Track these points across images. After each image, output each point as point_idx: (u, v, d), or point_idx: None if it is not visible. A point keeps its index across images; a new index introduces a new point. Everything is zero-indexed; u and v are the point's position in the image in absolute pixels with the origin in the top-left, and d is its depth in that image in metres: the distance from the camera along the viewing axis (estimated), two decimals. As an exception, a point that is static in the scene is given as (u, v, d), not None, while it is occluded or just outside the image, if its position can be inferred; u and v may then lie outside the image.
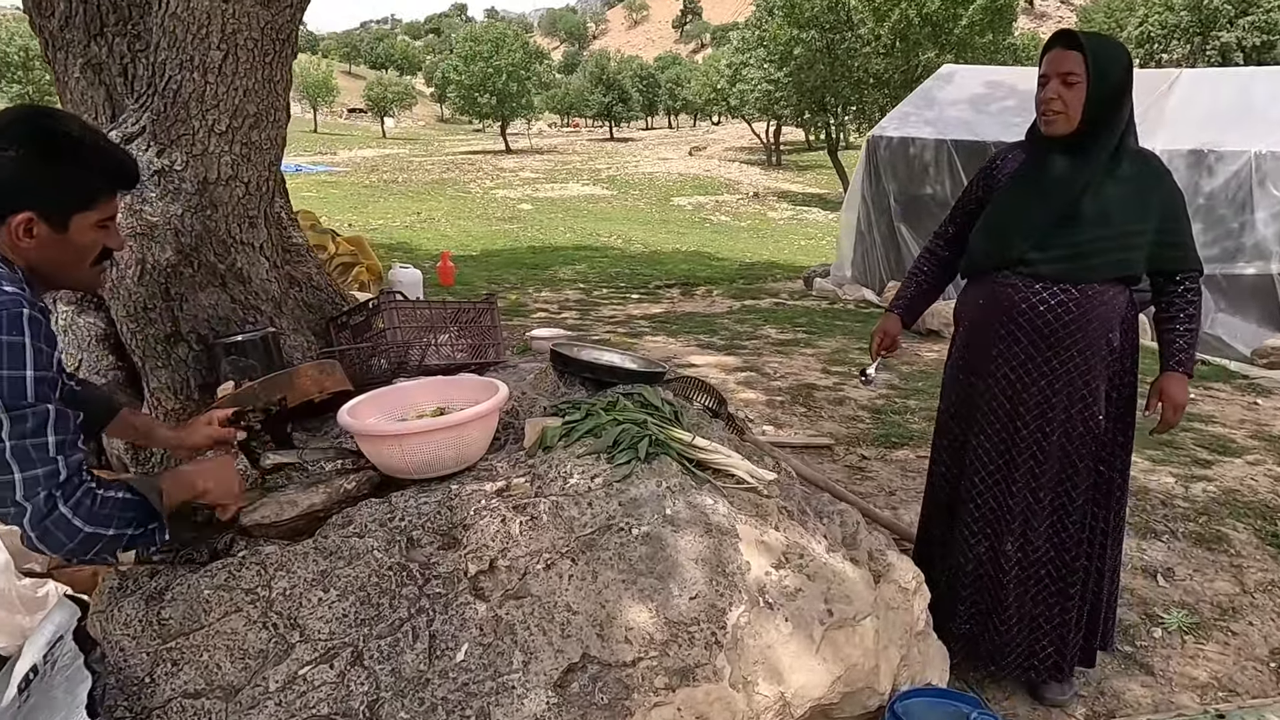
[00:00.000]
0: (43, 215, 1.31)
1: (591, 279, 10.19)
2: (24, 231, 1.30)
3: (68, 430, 1.29)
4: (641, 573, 1.60)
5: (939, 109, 8.60)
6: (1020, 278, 2.03)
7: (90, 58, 2.46)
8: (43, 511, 1.26)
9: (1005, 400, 2.08)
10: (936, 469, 2.31)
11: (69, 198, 1.34)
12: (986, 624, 2.15)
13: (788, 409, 4.43)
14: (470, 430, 1.80)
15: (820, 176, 30.72)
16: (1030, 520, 2.11)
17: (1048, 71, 1.96)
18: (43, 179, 1.31)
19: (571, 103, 52.71)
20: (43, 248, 1.33)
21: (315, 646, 1.49)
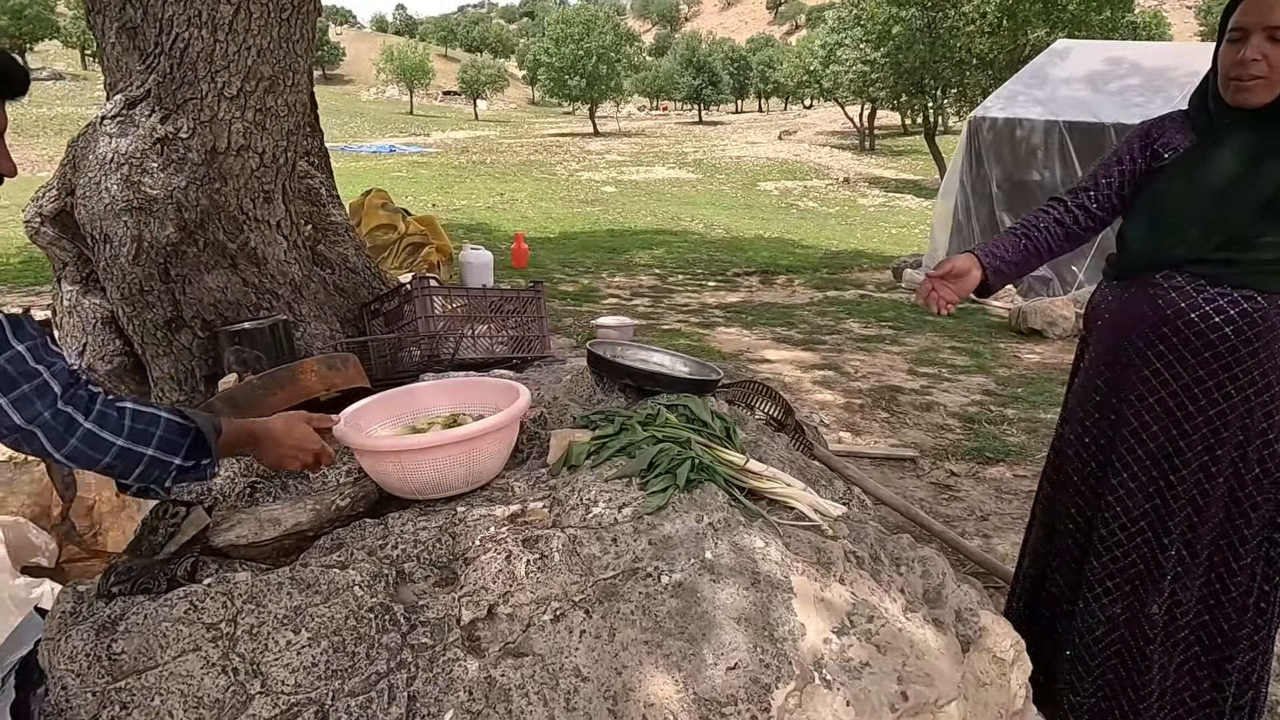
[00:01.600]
0: None
1: (668, 264, 9.89)
2: None
3: (28, 334, 1.10)
4: (669, 633, 1.31)
5: (1051, 87, 7.90)
6: (1190, 281, 1.63)
7: (125, 21, 2.30)
8: (59, 431, 1.11)
9: (1161, 433, 1.69)
10: (1059, 509, 1.91)
11: None
12: (1119, 700, 1.78)
13: (868, 414, 4.05)
14: (482, 446, 1.54)
15: (915, 162, 29.48)
16: (1183, 579, 1.72)
17: (1246, 24, 1.53)
18: None
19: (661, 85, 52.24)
20: None
21: (276, 701, 1.26)
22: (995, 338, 5.87)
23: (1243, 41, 1.54)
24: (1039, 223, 1.81)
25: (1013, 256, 1.78)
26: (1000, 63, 21.43)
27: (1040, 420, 3.98)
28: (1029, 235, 1.80)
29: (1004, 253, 1.78)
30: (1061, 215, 1.81)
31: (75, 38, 40.09)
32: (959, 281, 1.75)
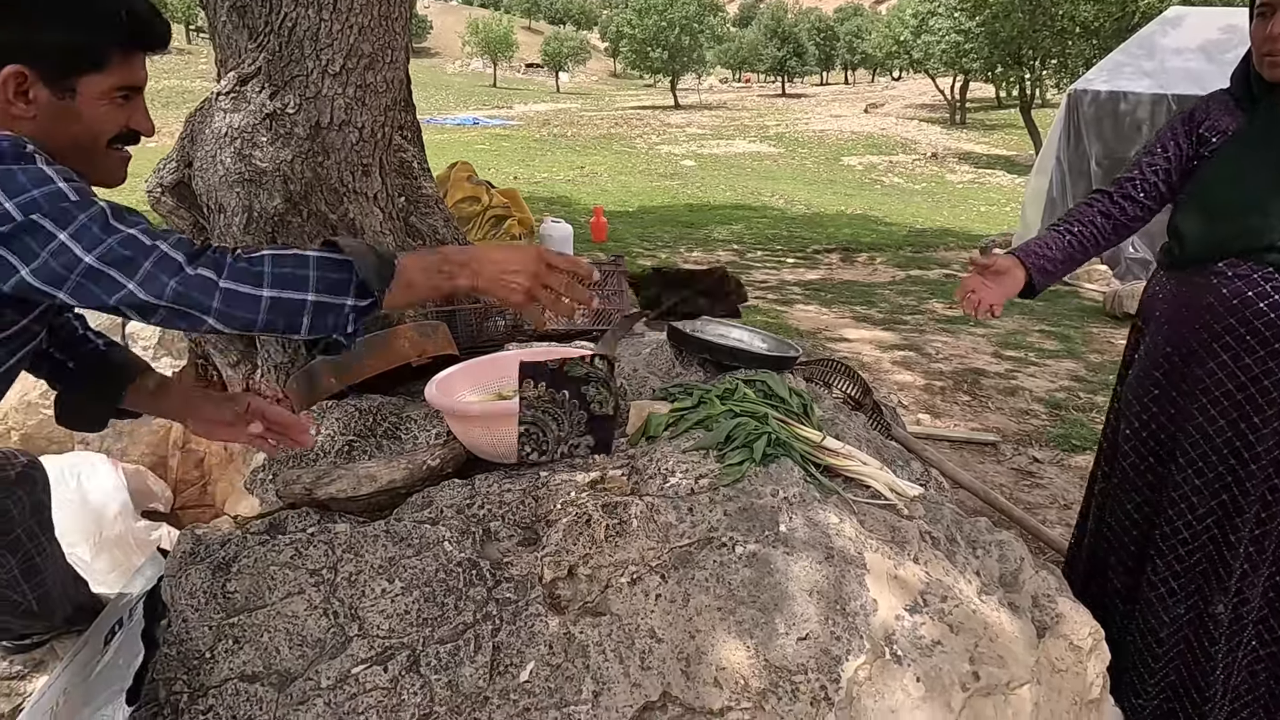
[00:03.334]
0: (39, 73, 1.05)
1: (747, 240, 9.81)
2: (15, 91, 1.04)
3: (137, 218, 1.03)
4: (742, 601, 1.35)
5: (1161, 58, 7.46)
6: (1257, 269, 1.55)
7: (235, 1, 2.42)
8: (198, 297, 1.00)
9: (1229, 427, 1.63)
10: (1114, 506, 1.86)
11: (71, 53, 1.07)
12: (1182, 700, 1.74)
13: (949, 396, 3.97)
14: (565, 412, 1.59)
15: (1009, 137, 28.27)
16: (1250, 576, 1.67)
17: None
18: (31, 25, 1.04)
19: (744, 57, 51.36)
20: (43, 118, 1.07)
21: (372, 644, 1.35)
22: (1087, 322, 5.65)
23: (1270, 16, 1.46)
24: (1084, 216, 1.73)
25: (1058, 254, 1.70)
26: (1106, 31, 20.25)
27: (1132, 409, 3.83)
28: (1074, 230, 1.72)
29: (1049, 250, 1.70)
30: (1108, 208, 1.72)
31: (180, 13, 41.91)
32: (1000, 281, 1.67)
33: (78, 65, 1.07)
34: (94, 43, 1.08)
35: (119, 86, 1.11)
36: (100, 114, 1.11)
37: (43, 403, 2.40)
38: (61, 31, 1.05)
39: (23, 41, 1.04)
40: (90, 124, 1.10)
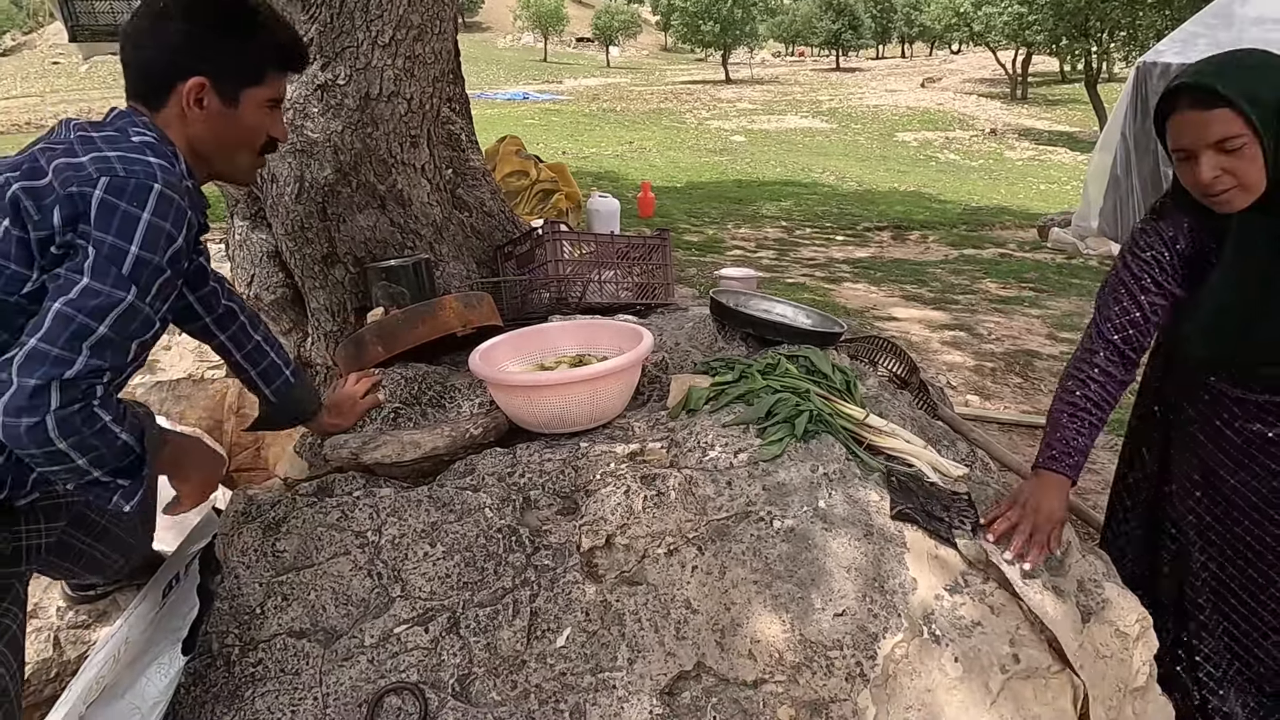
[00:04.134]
0: (215, 84, 1.23)
1: (795, 217, 9.67)
2: (194, 99, 1.22)
3: (128, 333, 1.09)
4: (779, 575, 1.35)
5: (1238, 29, 7.09)
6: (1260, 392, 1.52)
7: (289, -27, 2.45)
8: (24, 403, 1.01)
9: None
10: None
11: (242, 68, 1.26)
12: None
13: (999, 378, 3.88)
14: (605, 385, 1.60)
15: (1072, 112, 27.26)
16: None
17: (1187, 145, 1.35)
18: (216, 46, 1.23)
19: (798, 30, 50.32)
20: (211, 122, 1.25)
21: (414, 605, 1.39)
22: (1149, 304, 5.46)
23: (1193, 161, 1.36)
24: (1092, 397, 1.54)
25: (1088, 444, 1.56)
26: (1180, 1, 19.36)
27: (1193, 394, 3.70)
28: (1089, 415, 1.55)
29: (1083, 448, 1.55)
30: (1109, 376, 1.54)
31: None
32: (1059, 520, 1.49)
33: (246, 80, 1.26)
34: (259, 62, 1.27)
35: (270, 99, 1.30)
36: (255, 121, 1.29)
37: (107, 366, 2.49)
38: (238, 49, 1.25)
39: (207, 57, 1.22)
40: (247, 129, 1.29)
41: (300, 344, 2.22)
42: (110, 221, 1.07)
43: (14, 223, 1.08)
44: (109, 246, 1.07)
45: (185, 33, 1.21)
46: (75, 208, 1.07)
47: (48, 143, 1.16)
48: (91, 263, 1.06)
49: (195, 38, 1.22)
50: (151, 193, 1.10)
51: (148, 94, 1.23)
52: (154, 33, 1.22)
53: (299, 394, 1.63)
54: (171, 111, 1.23)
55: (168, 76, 1.22)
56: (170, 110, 1.23)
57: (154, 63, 1.22)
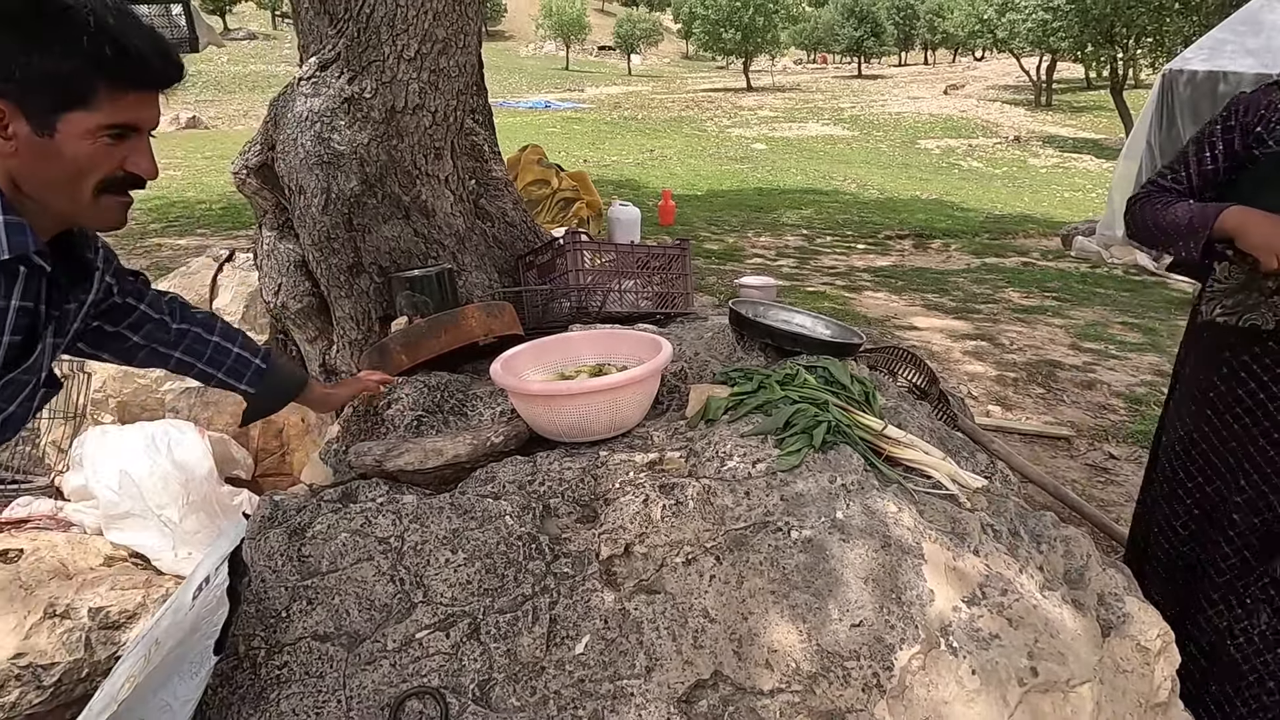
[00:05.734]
0: (18, 107, 0.97)
1: (816, 225, 9.66)
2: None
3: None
4: (796, 585, 1.35)
5: (1267, 35, 7.01)
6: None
7: (317, -13, 2.50)
8: None
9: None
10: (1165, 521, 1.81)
11: (55, 86, 0.97)
12: None
13: (1021, 388, 3.86)
14: (625, 395, 1.62)
15: (1098, 119, 27.00)
16: None
17: None
18: (9, 58, 0.95)
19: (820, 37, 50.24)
20: (25, 156, 0.99)
21: (435, 610, 1.41)
22: (1174, 315, 5.39)
23: None
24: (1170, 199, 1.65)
25: None
26: (1209, 6, 19.10)
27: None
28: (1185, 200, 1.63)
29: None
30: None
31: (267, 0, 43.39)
32: None
33: (60, 101, 0.98)
34: (77, 78, 0.98)
35: (107, 125, 1.01)
36: (84, 154, 1.01)
37: (137, 372, 2.55)
38: (43, 65, 0.96)
39: (3, 74, 0.96)
40: (72, 164, 1.01)
41: (325, 352, 2.26)
42: None
43: None
44: None
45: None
46: None
47: None
48: None
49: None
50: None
51: None
52: None
53: (278, 377, 1.57)
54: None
55: None
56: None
57: None
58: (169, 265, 5.65)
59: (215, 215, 8.67)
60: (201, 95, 29.34)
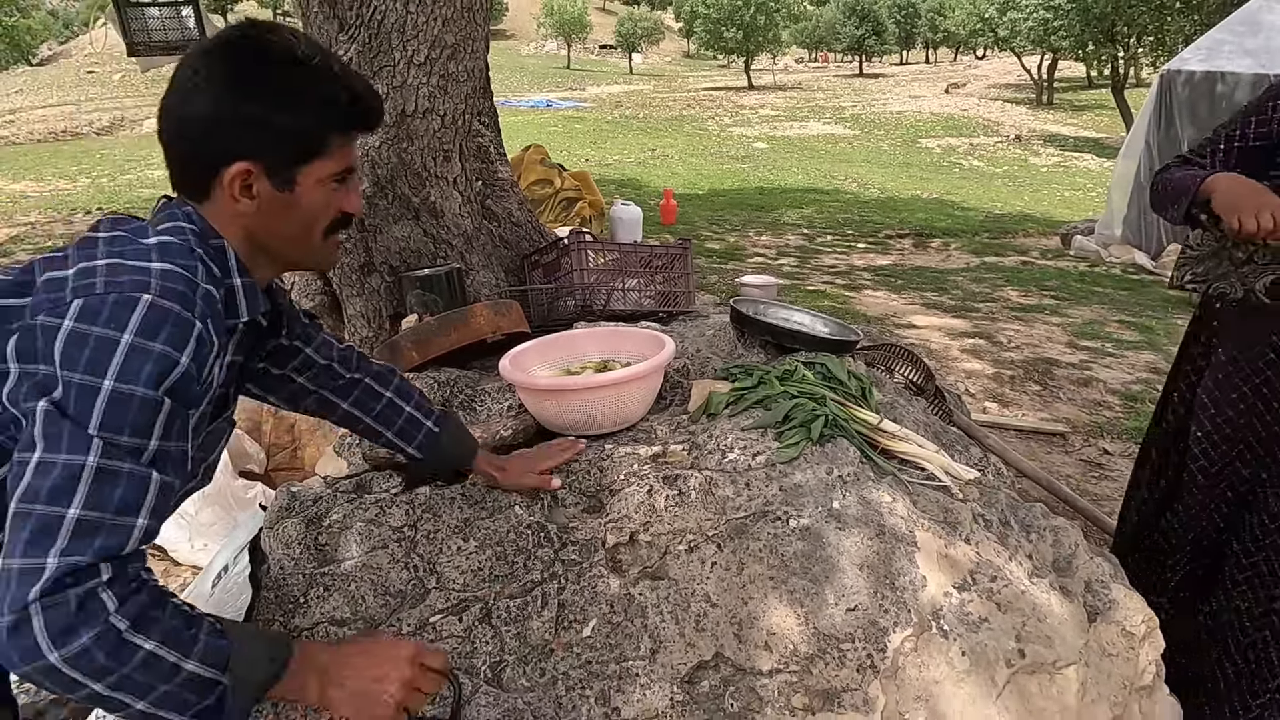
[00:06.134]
0: (264, 167, 0.99)
1: (817, 224, 9.71)
2: (241, 188, 0.99)
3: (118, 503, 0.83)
4: (794, 572, 1.41)
5: (1266, 35, 7.06)
6: None
7: (326, -9, 2.56)
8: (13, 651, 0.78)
9: None
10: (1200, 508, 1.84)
11: (297, 143, 0.99)
12: None
13: (1018, 385, 3.92)
14: (629, 390, 1.68)
15: (1099, 118, 27.03)
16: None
17: None
18: (261, 121, 0.97)
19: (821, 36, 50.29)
20: (265, 213, 1.01)
21: (448, 596, 1.47)
22: (1171, 313, 5.45)
23: None
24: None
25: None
26: (1209, 6, 19.14)
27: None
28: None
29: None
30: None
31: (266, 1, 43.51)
32: None
33: (303, 155, 1.00)
34: (316, 130, 1.00)
35: (337, 172, 1.04)
36: (317, 202, 1.03)
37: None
38: (289, 122, 0.98)
39: (251, 136, 0.97)
40: (307, 213, 1.03)
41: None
42: (77, 357, 0.82)
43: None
44: (75, 390, 0.82)
45: (222, 108, 0.96)
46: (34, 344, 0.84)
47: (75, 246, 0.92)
48: (41, 426, 0.81)
49: (234, 113, 0.96)
50: (136, 308, 0.84)
51: (187, 184, 1.01)
52: (185, 109, 0.97)
53: (448, 443, 1.48)
54: (219, 203, 1.00)
55: (206, 163, 0.98)
56: (217, 201, 1.00)
57: (189, 148, 0.99)
58: (176, 264, 5.71)
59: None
60: (204, 94, 29.39)
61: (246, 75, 0.97)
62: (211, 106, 0.96)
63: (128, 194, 10.50)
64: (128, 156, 14.59)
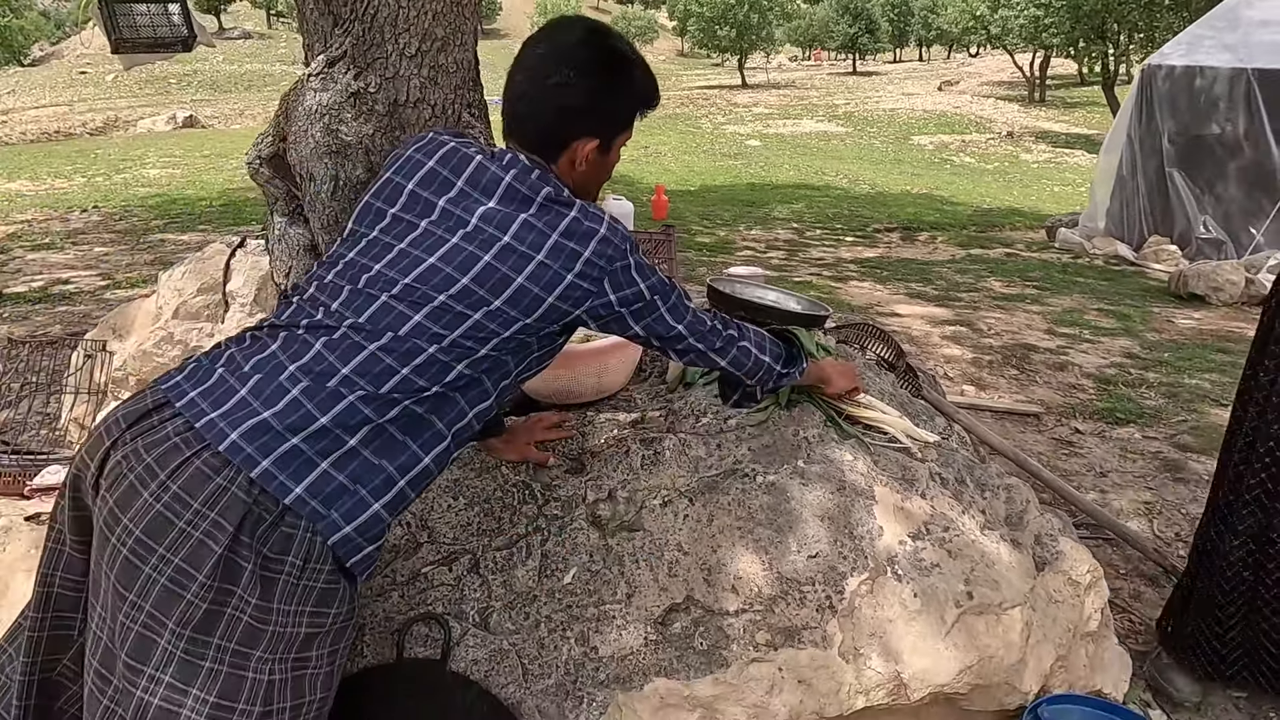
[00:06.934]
0: (599, 139, 1.28)
1: (807, 219, 9.83)
2: (586, 159, 1.29)
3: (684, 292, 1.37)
4: (760, 523, 1.52)
5: (1244, 31, 7.19)
6: None
7: (321, -11, 2.66)
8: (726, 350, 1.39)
9: None
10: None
11: (620, 121, 1.31)
12: None
13: (996, 370, 4.03)
14: (610, 360, 1.78)
15: (1091, 115, 27.21)
16: None
17: None
18: (609, 105, 1.29)
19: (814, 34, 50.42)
20: (589, 172, 1.31)
21: (439, 549, 1.57)
22: (1149, 302, 5.57)
23: None
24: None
25: None
26: (1198, 3, 19.32)
27: (1184, 385, 3.83)
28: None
29: None
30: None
31: (261, 0, 43.60)
32: None
33: (620, 130, 1.32)
34: (631, 112, 1.32)
35: (628, 140, 1.37)
36: (613, 163, 1.36)
37: (156, 351, 2.71)
38: (622, 106, 1.30)
39: (600, 118, 1.28)
40: (608, 172, 1.37)
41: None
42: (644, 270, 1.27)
43: None
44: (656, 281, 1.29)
45: (584, 98, 1.25)
46: None
47: None
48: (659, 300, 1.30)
49: (591, 102, 1.26)
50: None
51: (543, 149, 1.28)
52: (551, 96, 1.25)
53: None
54: (562, 166, 1.29)
55: (564, 138, 1.27)
56: (561, 165, 1.29)
57: (552, 126, 1.27)
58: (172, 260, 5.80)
59: (215, 211, 8.81)
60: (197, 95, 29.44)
61: (613, 73, 1.28)
62: (576, 95, 1.25)
63: (124, 193, 10.57)
64: (123, 156, 14.65)
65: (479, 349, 1.17)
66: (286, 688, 1.10)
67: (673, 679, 1.37)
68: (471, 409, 1.21)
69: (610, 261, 1.22)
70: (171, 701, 1.06)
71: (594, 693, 1.38)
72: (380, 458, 1.12)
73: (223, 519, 1.04)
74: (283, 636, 1.09)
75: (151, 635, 1.06)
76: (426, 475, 1.19)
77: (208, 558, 1.03)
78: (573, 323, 1.26)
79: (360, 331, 1.14)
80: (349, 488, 1.10)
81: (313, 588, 1.10)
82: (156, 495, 1.04)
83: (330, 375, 1.11)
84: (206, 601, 1.04)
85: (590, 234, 1.21)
